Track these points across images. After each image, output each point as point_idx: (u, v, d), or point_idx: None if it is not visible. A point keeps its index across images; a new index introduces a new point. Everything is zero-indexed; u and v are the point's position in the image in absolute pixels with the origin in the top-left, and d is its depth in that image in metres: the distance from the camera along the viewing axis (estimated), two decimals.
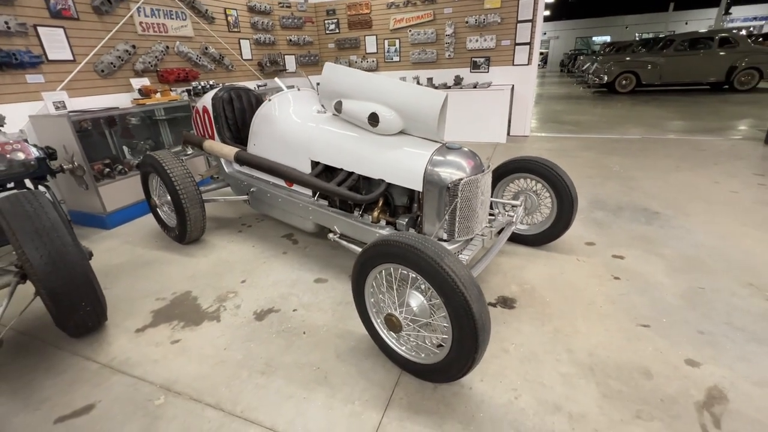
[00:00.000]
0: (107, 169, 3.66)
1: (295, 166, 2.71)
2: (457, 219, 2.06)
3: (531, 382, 1.68)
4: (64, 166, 3.16)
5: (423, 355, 1.69)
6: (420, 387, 1.68)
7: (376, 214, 2.35)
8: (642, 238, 2.89)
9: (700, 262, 2.55)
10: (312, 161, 2.61)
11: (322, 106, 2.62)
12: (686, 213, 3.28)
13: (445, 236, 2.13)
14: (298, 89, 3.02)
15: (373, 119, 2.22)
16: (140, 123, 4.25)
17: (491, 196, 2.91)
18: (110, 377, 1.84)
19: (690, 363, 1.74)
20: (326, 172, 2.61)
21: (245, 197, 3.17)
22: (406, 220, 2.26)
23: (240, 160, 2.90)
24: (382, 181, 2.28)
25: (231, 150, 2.97)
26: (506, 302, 2.24)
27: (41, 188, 3.19)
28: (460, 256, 2.05)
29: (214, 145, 3.14)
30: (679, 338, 1.89)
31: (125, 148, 4.18)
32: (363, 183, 2.47)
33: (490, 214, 2.58)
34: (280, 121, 2.76)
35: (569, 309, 2.15)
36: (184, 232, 3.00)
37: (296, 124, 2.69)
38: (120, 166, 3.75)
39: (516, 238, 2.89)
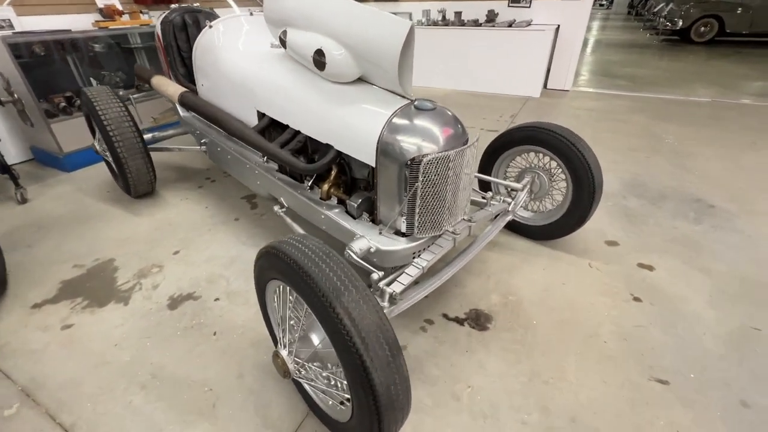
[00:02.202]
0: (63, 104, 3.25)
1: (241, 116, 2.16)
2: (418, 210, 1.49)
3: None
4: (2, 99, 2.76)
5: (330, 403, 1.25)
6: None
7: (326, 188, 1.81)
8: (685, 243, 2.21)
9: (763, 288, 1.88)
10: (258, 112, 2.05)
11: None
12: (755, 211, 2.50)
13: (404, 228, 1.58)
14: (251, 13, 2.36)
15: (320, 58, 1.60)
16: (108, 51, 3.74)
17: (492, 174, 2.27)
18: None
19: None
20: (273, 127, 2.05)
21: (201, 148, 2.69)
22: (359, 200, 1.71)
23: (184, 103, 2.37)
24: (331, 147, 1.71)
25: (176, 90, 2.44)
26: (478, 319, 1.72)
27: None
28: (417, 260, 1.52)
29: (161, 81, 2.60)
30: (710, 409, 1.34)
31: (93, 81, 3.73)
32: (314, 146, 1.91)
33: (483, 198, 1.97)
34: (224, 56, 2.16)
35: (560, 341, 1.61)
36: (127, 185, 2.61)
37: (241, 60, 2.09)
38: (80, 102, 3.33)
39: (515, 227, 2.28)
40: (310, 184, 1.93)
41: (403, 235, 1.60)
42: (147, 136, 2.80)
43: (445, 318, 1.73)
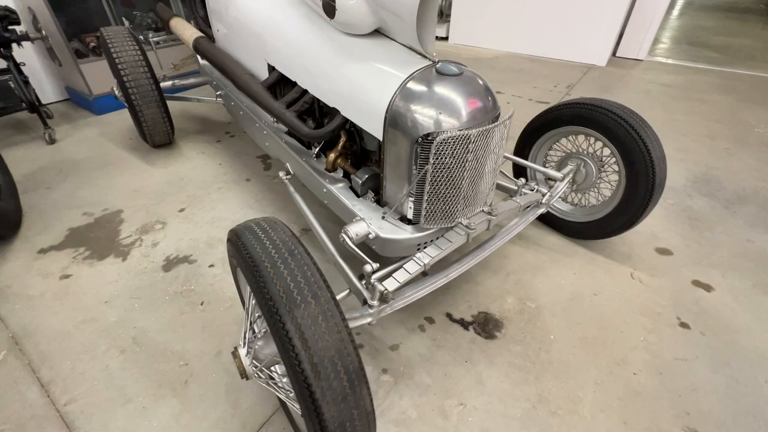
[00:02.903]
0: (93, 44, 3.19)
1: (253, 68, 1.96)
2: (426, 196, 1.26)
3: None
4: (31, 35, 2.73)
5: (297, 408, 1.12)
6: None
7: (332, 158, 1.61)
8: (759, 260, 1.82)
9: None
10: (268, 65, 1.83)
11: None
12: None
13: (410, 215, 1.37)
14: None
15: (330, 1, 1.33)
16: None
17: (529, 158, 1.95)
18: None
19: None
20: (283, 84, 1.83)
21: (217, 100, 2.55)
22: (365, 177, 1.50)
23: (198, 50, 2.19)
24: (338, 112, 1.49)
25: (191, 35, 2.26)
26: (486, 325, 1.51)
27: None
28: (419, 254, 1.31)
29: (180, 25, 2.43)
30: None
31: (124, 20, 3.63)
32: (322, 109, 1.69)
33: (514, 185, 1.69)
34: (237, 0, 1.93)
35: (580, 364, 1.37)
36: (143, 134, 2.54)
37: (254, 3, 1.85)
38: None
39: (549, 219, 1.98)
40: (316, 151, 1.74)
41: (410, 222, 1.39)
42: (166, 84, 2.69)
43: (448, 318, 1.53)
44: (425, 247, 1.38)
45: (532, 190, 1.68)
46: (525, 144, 1.93)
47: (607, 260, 1.81)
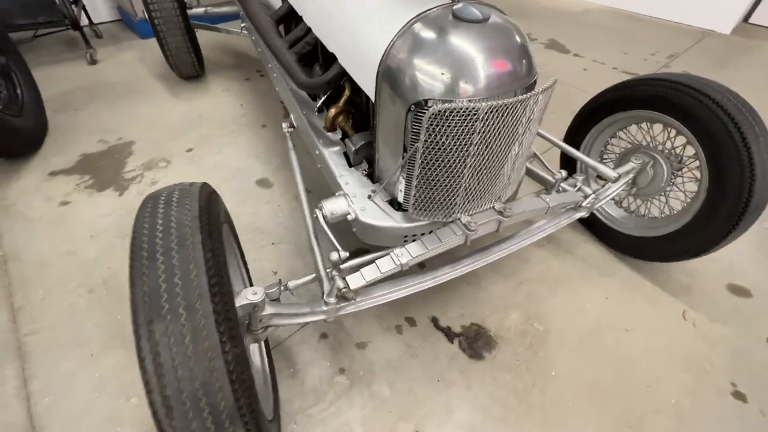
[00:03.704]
0: None
1: None
2: (416, 181, 0.99)
3: None
4: None
5: None
6: None
7: (332, 114, 1.35)
8: None
9: None
10: None
11: None
12: None
13: (401, 198, 1.11)
14: None
15: None
16: None
17: (582, 146, 1.54)
18: None
19: None
20: (293, 19, 1.56)
21: (242, 32, 2.34)
22: (361, 143, 1.25)
23: None
24: (335, 59, 1.21)
25: None
26: (476, 341, 1.26)
27: None
28: (399, 249, 1.06)
29: None
30: None
31: None
32: (325, 53, 1.41)
33: (552, 177, 1.34)
34: None
35: (579, 415, 1.10)
36: (170, 64, 2.44)
37: None
38: None
39: (592, 223, 1.60)
40: (319, 104, 1.49)
41: (400, 207, 1.14)
42: (197, 11, 2.52)
43: (433, 323, 1.31)
44: (412, 241, 1.13)
45: (574, 188, 1.32)
46: (579, 127, 1.52)
47: (655, 288, 1.43)
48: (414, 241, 1.13)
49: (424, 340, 1.26)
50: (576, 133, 1.55)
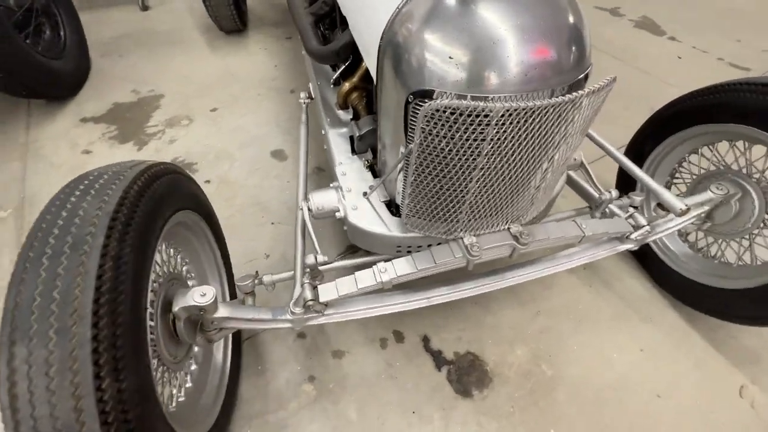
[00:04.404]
0: None
1: None
2: (410, 188, 0.80)
3: None
4: None
5: None
6: None
7: (345, 89, 1.17)
8: None
9: None
10: None
11: None
12: None
13: (399, 199, 0.94)
14: None
15: None
16: None
17: (645, 162, 1.23)
18: (10, 160, 1.70)
19: None
20: None
21: None
22: (368, 129, 1.08)
23: None
24: (346, 26, 1.02)
25: None
26: (467, 374, 1.09)
27: None
28: (384, 264, 0.90)
29: None
30: None
31: None
32: (342, 19, 1.21)
33: (598, 197, 1.08)
34: None
35: None
36: (210, 16, 2.35)
37: None
38: None
39: (644, 254, 1.31)
40: (335, 76, 1.31)
41: (397, 211, 0.97)
42: None
43: (423, 343, 1.16)
44: (408, 253, 0.96)
45: (626, 212, 1.05)
46: (650, 135, 1.21)
47: (708, 349, 1.15)
48: (409, 253, 0.97)
49: (408, 361, 1.12)
50: (644, 142, 1.24)
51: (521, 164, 0.73)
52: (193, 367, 0.94)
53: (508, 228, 0.90)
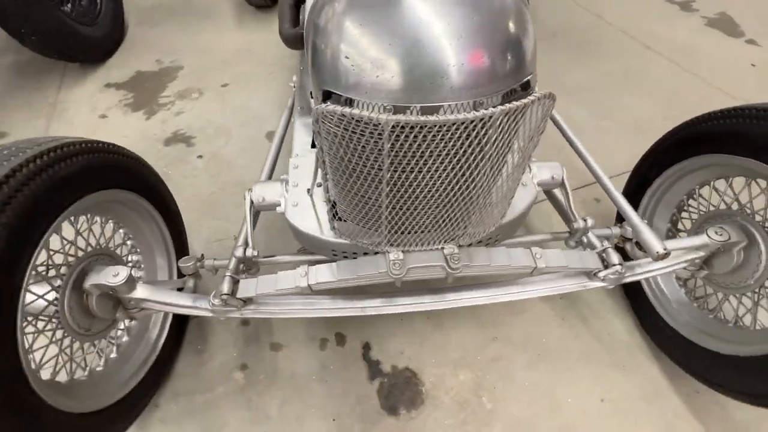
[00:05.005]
0: None
1: None
2: (331, 190, 0.75)
3: None
4: None
5: None
6: None
7: None
8: None
9: None
10: None
11: None
12: None
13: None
14: None
15: None
16: None
17: (651, 189, 1.07)
18: (37, 117, 1.84)
19: None
20: None
21: None
22: None
23: None
24: None
25: None
26: (400, 391, 1.03)
27: None
28: (308, 268, 0.85)
29: None
30: None
31: None
32: None
33: (569, 227, 0.95)
34: None
35: None
36: None
37: None
38: None
39: (633, 291, 1.15)
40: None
41: (337, 217, 0.92)
42: None
43: (363, 351, 1.11)
44: (344, 258, 0.92)
45: (600, 244, 0.92)
46: (652, 164, 1.04)
47: (687, 415, 0.99)
48: (346, 258, 0.92)
49: (343, 367, 1.08)
50: (649, 167, 1.07)
51: (434, 184, 0.64)
52: (125, 338, 0.98)
53: (442, 248, 0.82)
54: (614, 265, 0.87)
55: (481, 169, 0.63)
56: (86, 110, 1.88)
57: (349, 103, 0.59)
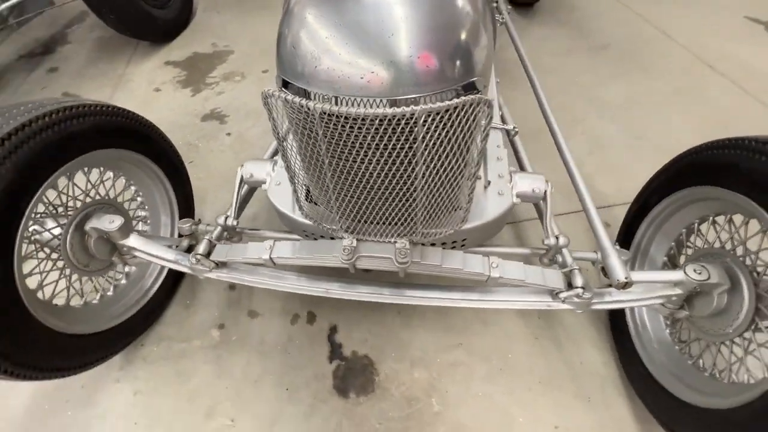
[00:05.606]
0: None
1: None
2: (290, 173, 0.80)
3: None
4: None
5: None
6: None
7: None
8: None
9: None
10: None
11: None
12: None
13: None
14: None
15: None
16: None
17: (652, 212, 1.00)
18: (106, 86, 2.11)
19: None
20: None
21: None
22: None
23: None
24: None
25: None
26: (355, 375, 1.06)
27: None
28: (273, 243, 0.91)
29: None
30: None
31: None
32: None
33: (544, 243, 0.92)
34: None
35: None
36: None
37: None
38: None
39: (618, 325, 1.08)
40: None
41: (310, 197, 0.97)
42: None
43: (329, 332, 1.16)
44: (313, 239, 0.98)
45: (569, 267, 0.88)
46: (654, 191, 0.97)
47: None
48: (315, 239, 0.98)
49: (308, 344, 1.14)
50: (652, 192, 0.99)
51: (371, 175, 0.67)
52: (123, 281, 1.12)
53: (394, 242, 0.84)
54: (576, 287, 0.84)
55: (414, 167, 0.65)
56: (145, 83, 2.12)
57: (305, 93, 0.63)
